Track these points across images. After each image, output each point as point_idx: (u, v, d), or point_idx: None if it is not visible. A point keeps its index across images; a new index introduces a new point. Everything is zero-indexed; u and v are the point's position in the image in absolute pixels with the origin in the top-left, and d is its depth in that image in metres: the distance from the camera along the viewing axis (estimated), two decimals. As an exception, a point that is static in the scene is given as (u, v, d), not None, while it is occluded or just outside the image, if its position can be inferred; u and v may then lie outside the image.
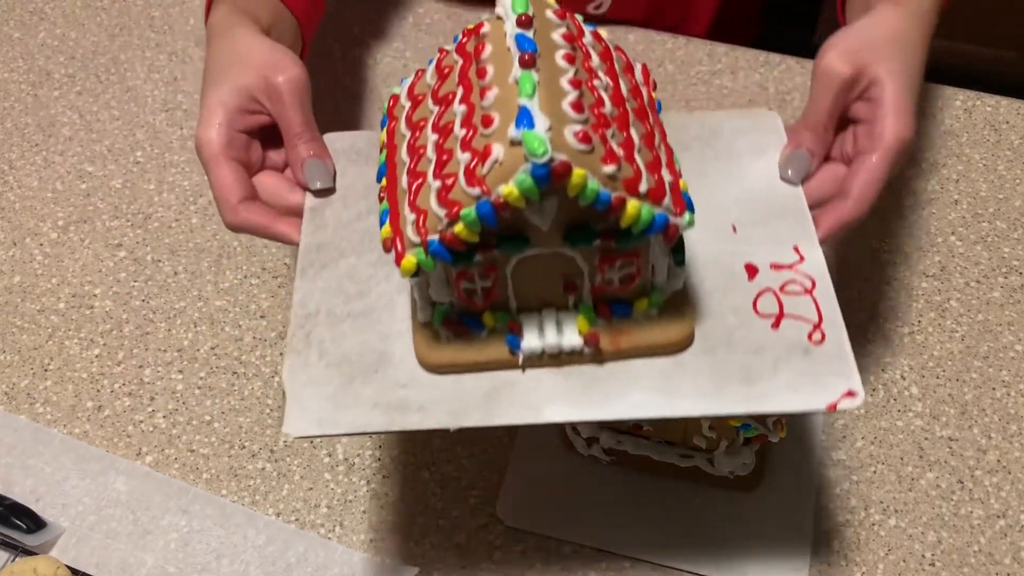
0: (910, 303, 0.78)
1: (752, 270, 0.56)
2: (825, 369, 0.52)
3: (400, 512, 0.69)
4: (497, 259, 0.50)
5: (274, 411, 0.74)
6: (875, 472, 0.70)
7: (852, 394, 0.51)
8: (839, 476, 0.69)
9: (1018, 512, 0.68)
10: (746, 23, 1.10)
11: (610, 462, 0.68)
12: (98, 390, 0.76)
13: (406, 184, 0.51)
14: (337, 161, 0.63)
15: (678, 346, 0.53)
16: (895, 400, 0.73)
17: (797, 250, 0.57)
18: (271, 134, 0.63)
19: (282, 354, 0.61)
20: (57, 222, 0.86)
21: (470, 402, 0.52)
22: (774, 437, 0.62)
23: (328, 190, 0.62)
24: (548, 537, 0.67)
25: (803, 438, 0.70)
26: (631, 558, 0.66)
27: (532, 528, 0.68)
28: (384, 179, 0.54)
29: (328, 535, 0.68)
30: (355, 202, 0.61)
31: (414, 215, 0.48)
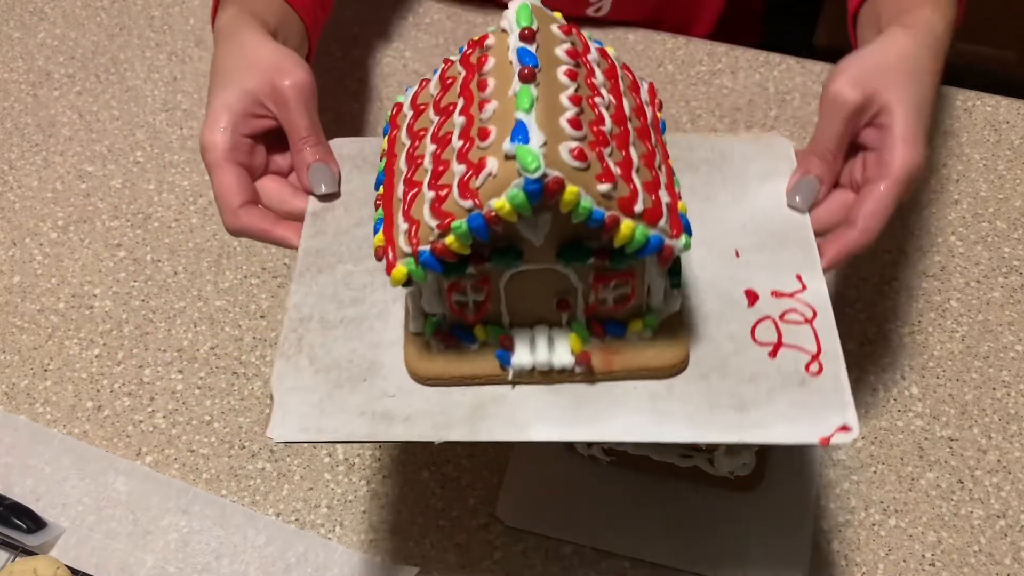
0: (910, 303, 0.78)
1: (752, 296, 0.56)
2: (820, 401, 0.51)
3: (400, 512, 0.69)
4: (490, 273, 0.49)
5: (274, 411, 0.74)
6: (875, 472, 0.70)
7: (846, 428, 0.50)
8: (839, 476, 0.69)
9: (1018, 512, 0.68)
10: (746, 30, 1.09)
11: (610, 462, 0.68)
12: (98, 390, 0.76)
13: (401, 193, 0.51)
14: (343, 167, 0.62)
15: (672, 370, 0.52)
16: (895, 400, 0.73)
17: (800, 279, 0.56)
18: (277, 138, 0.63)
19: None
20: (57, 222, 0.86)
21: (456, 416, 0.52)
22: (774, 437, 0.62)
23: (333, 195, 0.61)
24: (548, 537, 0.67)
25: (803, 438, 0.70)
26: (631, 558, 0.66)
27: (532, 528, 0.68)
28: (381, 187, 0.54)
29: (328, 535, 0.68)
30: (357, 209, 0.61)
31: (407, 225, 0.48)
